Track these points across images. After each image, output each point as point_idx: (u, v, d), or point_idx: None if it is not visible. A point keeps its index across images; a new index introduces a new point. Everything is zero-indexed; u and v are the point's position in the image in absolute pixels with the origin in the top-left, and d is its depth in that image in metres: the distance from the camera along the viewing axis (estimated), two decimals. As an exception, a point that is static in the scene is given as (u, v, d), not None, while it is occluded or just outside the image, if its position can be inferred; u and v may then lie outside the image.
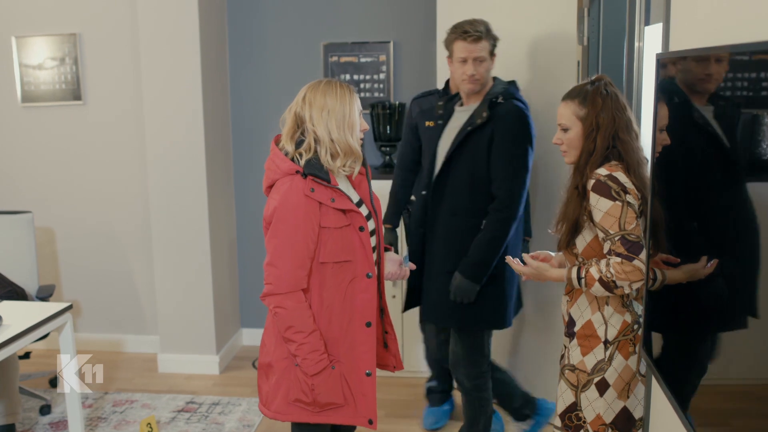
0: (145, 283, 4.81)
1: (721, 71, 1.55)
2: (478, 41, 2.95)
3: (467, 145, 2.94)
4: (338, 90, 2.40)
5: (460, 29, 2.98)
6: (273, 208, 2.37)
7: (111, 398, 4.15)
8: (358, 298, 2.46)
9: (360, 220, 2.44)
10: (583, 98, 2.31)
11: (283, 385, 2.44)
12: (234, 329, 4.84)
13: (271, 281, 2.37)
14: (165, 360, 4.56)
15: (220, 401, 4.08)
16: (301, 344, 2.37)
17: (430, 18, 4.10)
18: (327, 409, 2.45)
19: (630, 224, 2.14)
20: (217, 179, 4.53)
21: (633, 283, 2.14)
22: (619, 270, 2.13)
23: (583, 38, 3.51)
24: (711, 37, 1.76)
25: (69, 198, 4.80)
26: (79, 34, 4.62)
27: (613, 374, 2.24)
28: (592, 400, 2.26)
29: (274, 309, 2.37)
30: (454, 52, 3.01)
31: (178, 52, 4.25)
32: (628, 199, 2.16)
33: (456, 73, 3.05)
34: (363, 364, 2.49)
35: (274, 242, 2.37)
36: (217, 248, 4.51)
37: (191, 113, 4.29)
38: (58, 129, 4.75)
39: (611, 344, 2.25)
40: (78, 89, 4.68)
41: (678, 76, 1.85)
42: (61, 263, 4.88)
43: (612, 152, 2.24)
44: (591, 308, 2.30)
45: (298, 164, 2.37)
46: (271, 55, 4.63)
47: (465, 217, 3.00)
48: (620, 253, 2.13)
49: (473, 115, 2.97)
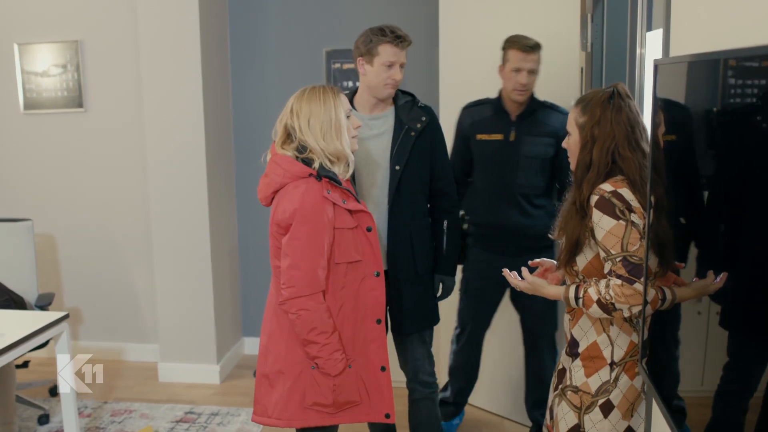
0: (146, 291, 4.78)
1: (719, 77, 1.50)
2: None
3: (415, 149, 2.92)
4: (321, 95, 2.43)
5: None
6: (291, 211, 2.37)
7: (110, 407, 4.11)
8: (368, 297, 2.52)
9: (368, 220, 2.50)
10: (584, 105, 2.20)
11: (298, 390, 2.45)
12: (235, 338, 4.80)
13: (293, 284, 2.38)
14: (165, 369, 4.53)
15: (220, 411, 4.04)
16: (325, 345, 2.40)
17: (432, 24, 4.07)
18: (344, 409, 2.49)
19: (633, 245, 2.02)
20: (219, 187, 4.50)
21: (633, 307, 2.03)
22: (619, 293, 2.02)
23: (586, 44, 3.46)
24: (710, 42, 1.72)
25: (70, 205, 4.78)
26: (80, 41, 4.61)
27: (618, 395, 2.15)
28: (596, 422, 2.17)
29: (297, 312, 2.38)
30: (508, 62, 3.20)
31: (179, 60, 4.23)
32: (633, 218, 2.04)
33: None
34: (377, 360, 2.54)
35: (295, 244, 2.38)
36: (218, 256, 4.47)
37: (192, 121, 4.26)
38: (60, 136, 4.74)
39: (617, 365, 2.16)
40: (80, 96, 4.66)
41: (675, 83, 1.80)
42: (62, 270, 4.86)
43: (614, 168, 2.12)
44: (595, 329, 2.20)
45: (308, 167, 2.40)
46: (274, 61, 4.60)
47: (422, 219, 3.00)
48: (621, 275, 2.03)
49: (413, 119, 2.94)
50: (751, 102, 1.38)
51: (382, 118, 2.96)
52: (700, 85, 1.66)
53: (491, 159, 3.32)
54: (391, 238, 2.93)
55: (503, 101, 3.29)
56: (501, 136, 3.27)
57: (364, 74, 2.89)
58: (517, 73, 3.14)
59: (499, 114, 3.28)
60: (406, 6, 4.41)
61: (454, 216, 3.07)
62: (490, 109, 3.32)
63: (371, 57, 2.84)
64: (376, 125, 2.95)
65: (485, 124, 3.31)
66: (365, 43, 2.86)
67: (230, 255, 4.71)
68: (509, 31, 3.59)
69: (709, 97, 1.60)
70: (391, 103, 2.98)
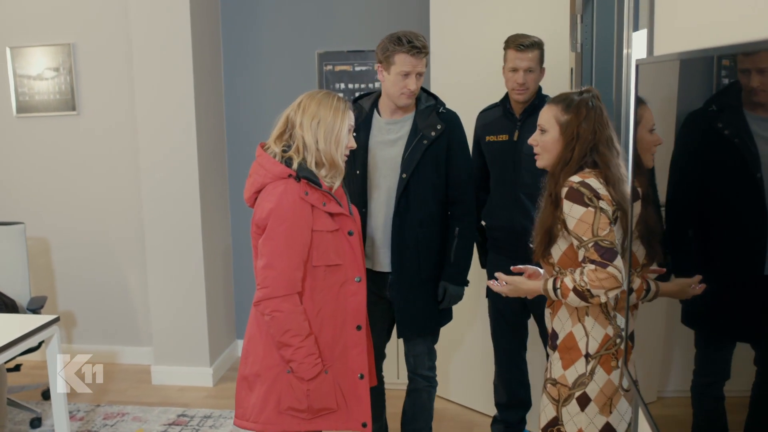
0: (139, 294, 4.78)
1: (701, 75, 1.51)
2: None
3: (426, 157, 2.92)
4: (334, 103, 2.42)
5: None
6: (268, 210, 2.36)
7: (102, 411, 4.11)
8: (348, 302, 2.48)
9: (349, 224, 2.47)
10: (567, 105, 2.28)
11: (274, 394, 2.41)
12: (228, 341, 4.80)
13: (267, 284, 2.36)
14: (158, 372, 4.52)
15: (212, 414, 4.03)
16: (298, 348, 2.36)
17: (424, 25, 4.06)
18: (320, 415, 2.43)
19: (603, 230, 2.09)
20: (211, 189, 4.50)
21: (608, 291, 2.07)
22: (593, 278, 2.07)
23: (576, 45, 3.46)
24: (692, 42, 1.72)
25: (63, 208, 4.78)
26: (73, 44, 4.61)
27: (595, 389, 2.18)
28: (574, 415, 2.20)
29: (271, 313, 2.35)
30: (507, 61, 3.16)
31: (171, 62, 4.23)
32: (601, 205, 2.11)
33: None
34: (356, 367, 2.49)
35: (270, 244, 2.36)
36: (210, 258, 4.47)
37: (184, 123, 4.26)
38: (53, 139, 4.74)
39: (593, 358, 2.19)
40: (72, 100, 4.67)
41: (654, 82, 1.81)
42: (55, 274, 4.86)
43: (586, 162, 2.21)
44: (572, 320, 2.25)
45: (289, 167, 2.37)
46: (266, 63, 4.60)
47: (432, 226, 2.99)
48: (594, 260, 2.08)
49: (428, 126, 2.93)
50: (725, 99, 1.38)
51: (399, 123, 2.97)
52: (677, 83, 1.66)
53: (498, 160, 3.28)
54: (396, 243, 2.93)
55: (509, 101, 3.25)
56: (506, 136, 3.23)
57: (383, 81, 2.92)
58: (515, 73, 3.11)
59: (506, 115, 3.24)
60: (398, 7, 4.41)
61: (466, 223, 3.04)
62: (500, 110, 3.28)
63: (388, 65, 2.86)
64: (393, 130, 2.97)
65: (494, 126, 3.28)
66: (383, 51, 2.87)
67: (223, 257, 4.71)
68: (500, 31, 3.58)
69: (689, 95, 1.61)
70: (413, 108, 2.98)
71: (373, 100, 3.02)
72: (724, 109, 1.36)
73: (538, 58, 3.12)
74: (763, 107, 1.18)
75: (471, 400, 4.06)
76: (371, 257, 2.96)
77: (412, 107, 2.97)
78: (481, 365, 3.89)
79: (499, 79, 3.55)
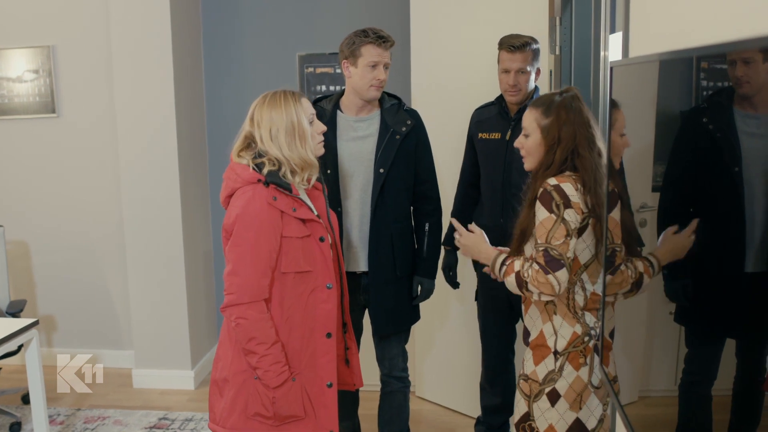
0: (120, 297, 4.76)
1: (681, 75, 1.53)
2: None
3: (400, 153, 2.95)
4: (282, 101, 2.38)
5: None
6: (235, 216, 2.33)
7: (83, 415, 4.08)
8: (318, 309, 2.43)
9: (320, 230, 2.43)
10: (547, 108, 2.28)
11: (241, 400, 2.38)
12: (210, 343, 4.78)
13: (233, 291, 2.32)
14: (140, 375, 4.50)
15: (194, 417, 4.02)
16: (263, 356, 2.31)
17: (404, 28, 4.08)
18: (287, 422, 2.40)
19: (557, 240, 2.12)
20: (192, 192, 4.49)
21: (542, 295, 2.15)
22: (534, 277, 2.14)
23: (555, 47, 3.48)
24: (667, 43, 1.74)
25: (43, 211, 4.75)
26: (53, 46, 4.59)
27: (564, 385, 2.21)
28: (544, 410, 2.24)
29: (236, 320, 2.31)
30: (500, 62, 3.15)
31: (151, 65, 4.22)
32: (565, 214, 2.13)
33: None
34: (324, 375, 2.45)
35: (236, 250, 2.33)
36: (191, 261, 4.46)
37: (165, 125, 4.25)
38: (32, 142, 4.71)
39: (561, 355, 2.22)
40: (52, 102, 4.64)
41: (628, 84, 1.83)
42: (35, 277, 4.83)
43: (567, 166, 2.22)
44: (542, 318, 2.28)
45: (259, 173, 2.34)
46: (247, 66, 4.60)
47: (406, 221, 3.05)
48: (539, 263, 2.14)
49: (398, 122, 2.96)
50: (696, 100, 1.41)
51: (367, 121, 2.98)
52: (656, 84, 1.68)
53: (489, 158, 3.27)
54: (373, 240, 2.95)
55: (505, 100, 3.23)
56: (499, 134, 3.22)
57: (350, 77, 2.92)
58: (507, 74, 3.10)
59: (501, 113, 3.23)
60: (379, 10, 4.42)
61: (435, 219, 3.09)
62: (496, 108, 3.27)
63: (355, 59, 2.87)
64: (362, 128, 2.98)
65: (488, 124, 3.27)
66: (348, 46, 2.90)
67: (204, 260, 4.69)
68: (480, 34, 3.61)
69: (669, 95, 1.64)
70: (377, 106, 3.00)
71: (335, 101, 3.02)
72: (709, 107, 1.37)
73: (531, 59, 3.09)
74: (749, 103, 1.20)
75: (449, 400, 4.07)
76: (345, 257, 2.95)
77: (377, 106, 3.00)
78: (461, 365, 3.90)
79: (480, 81, 3.58)
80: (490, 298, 3.34)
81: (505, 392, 3.42)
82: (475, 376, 3.65)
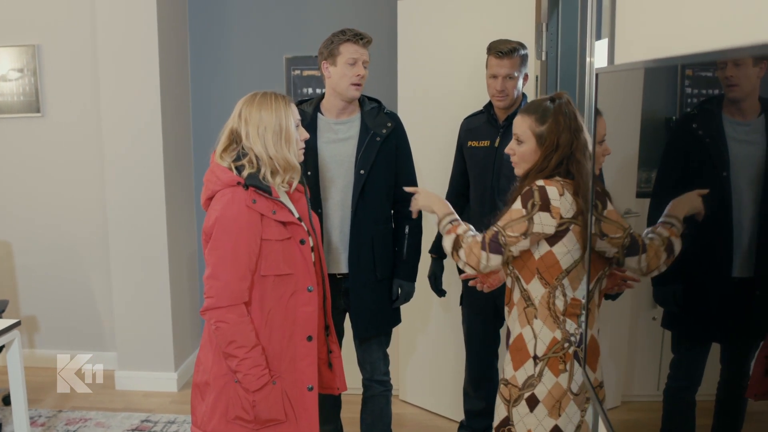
0: (103, 298, 4.73)
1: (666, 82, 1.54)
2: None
3: (380, 155, 2.96)
4: (273, 102, 2.37)
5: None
6: (214, 219, 2.32)
7: (65, 416, 4.05)
8: (299, 312, 2.42)
9: (301, 233, 2.42)
10: (541, 115, 2.26)
11: (222, 403, 2.37)
12: (193, 346, 4.76)
13: (212, 294, 2.31)
14: (122, 377, 4.48)
15: (176, 419, 4.00)
16: (243, 359, 2.30)
17: (392, 33, 4.09)
18: (268, 426, 2.39)
19: (512, 232, 2.15)
20: (177, 194, 4.47)
21: (466, 265, 2.22)
22: (471, 244, 2.20)
23: (541, 53, 3.50)
24: (652, 51, 1.75)
25: (26, 211, 4.72)
26: (38, 45, 4.56)
27: (543, 391, 2.20)
28: (523, 416, 2.23)
29: (216, 323, 2.31)
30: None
31: (137, 66, 4.20)
32: (536, 217, 2.13)
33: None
34: (305, 379, 2.44)
35: (215, 254, 2.32)
36: (175, 263, 4.44)
37: (150, 127, 4.23)
38: (16, 141, 4.68)
39: (540, 360, 2.21)
40: (37, 101, 4.61)
41: (614, 90, 1.84)
42: (18, 278, 4.79)
43: (560, 171, 2.20)
44: (520, 322, 2.27)
45: (239, 176, 2.33)
46: (234, 68, 4.59)
47: (386, 223, 3.06)
48: (484, 238, 2.19)
49: (378, 124, 2.97)
50: (681, 107, 1.42)
51: (348, 123, 2.98)
52: (636, 92, 1.70)
53: (478, 166, 3.27)
54: (354, 242, 2.95)
55: (493, 108, 3.23)
56: (488, 142, 3.22)
57: (329, 77, 2.92)
58: (494, 80, 3.09)
59: (490, 121, 3.23)
60: (366, 14, 4.43)
61: (415, 222, 3.08)
62: (484, 117, 3.27)
63: (334, 58, 2.89)
64: (342, 130, 2.98)
65: (477, 132, 3.27)
66: (327, 46, 2.91)
67: (188, 262, 4.68)
68: (467, 39, 3.62)
69: (647, 103, 1.65)
70: (358, 109, 3.00)
71: (315, 104, 3.03)
72: (698, 113, 1.39)
73: (519, 65, 3.09)
74: (738, 109, 1.22)
75: (432, 403, 4.08)
76: (326, 259, 2.94)
77: (357, 109, 3.01)
78: (445, 369, 3.91)
79: (467, 87, 3.59)
80: (476, 302, 3.34)
81: (488, 397, 3.41)
82: (458, 379, 3.66)
